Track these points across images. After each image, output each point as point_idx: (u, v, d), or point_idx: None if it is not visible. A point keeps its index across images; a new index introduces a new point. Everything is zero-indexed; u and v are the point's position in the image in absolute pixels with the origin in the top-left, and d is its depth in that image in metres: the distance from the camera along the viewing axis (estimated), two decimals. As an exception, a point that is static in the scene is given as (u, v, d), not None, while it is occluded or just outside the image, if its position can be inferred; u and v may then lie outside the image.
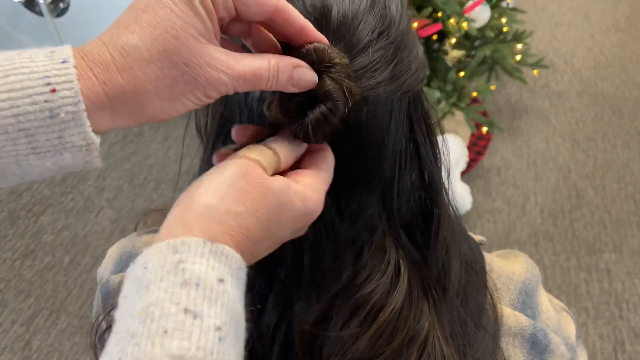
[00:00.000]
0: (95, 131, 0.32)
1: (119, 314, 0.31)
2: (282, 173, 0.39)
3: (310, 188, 0.38)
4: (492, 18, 1.85)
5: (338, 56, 0.37)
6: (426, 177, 0.46)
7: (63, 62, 0.31)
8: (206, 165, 0.48)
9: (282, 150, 0.39)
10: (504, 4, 1.98)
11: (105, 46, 0.32)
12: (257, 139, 0.40)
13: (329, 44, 0.38)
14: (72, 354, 1.66)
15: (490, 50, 1.85)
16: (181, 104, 0.34)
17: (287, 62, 0.36)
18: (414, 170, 0.46)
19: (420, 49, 0.45)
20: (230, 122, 0.45)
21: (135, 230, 0.67)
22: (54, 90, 0.31)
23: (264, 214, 0.35)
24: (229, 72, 0.34)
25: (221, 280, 0.31)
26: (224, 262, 0.32)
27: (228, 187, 0.34)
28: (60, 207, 2.10)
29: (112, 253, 0.63)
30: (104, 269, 0.62)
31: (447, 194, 0.49)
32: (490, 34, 1.85)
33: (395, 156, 0.44)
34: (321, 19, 0.39)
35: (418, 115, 0.45)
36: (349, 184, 0.44)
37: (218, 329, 0.30)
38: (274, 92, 0.39)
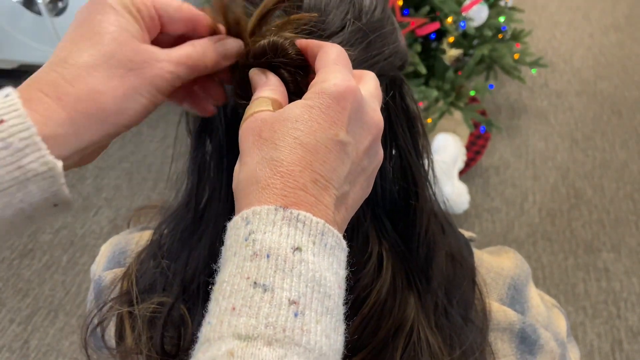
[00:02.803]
0: (59, 156, 0.31)
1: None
2: None
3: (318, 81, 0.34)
4: (490, 17, 1.85)
5: (292, 48, 0.38)
6: (406, 169, 0.46)
7: (6, 96, 0.31)
8: (192, 162, 0.48)
9: (273, 91, 0.37)
10: (502, 3, 1.98)
11: (51, 66, 0.33)
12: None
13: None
14: (70, 352, 1.66)
15: (488, 49, 1.85)
16: (135, 101, 0.34)
17: (206, 41, 0.38)
18: (395, 160, 0.46)
19: (400, 41, 0.45)
20: (212, 118, 0.45)
21: (128, 227, 0.67)
22: (1, 122, 0.30)
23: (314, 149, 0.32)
24: (172, 60, 0.35)
25: (297, 249, 0.29)
26: (300, 228, 0.30)
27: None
28: (59, 206, 2.10)
29: (105, 250, 0.63)
30: (97, 266, 0.62)
31: (430, 187, 0.49)
32: (489, 32, 1.85)
33: None
34: (293, 7, 0.41)
35: (396, 105, 0.45)
36: None
37: (293, 302, 0.28)
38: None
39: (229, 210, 0.46)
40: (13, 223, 0.32)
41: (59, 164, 0.31)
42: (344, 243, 0.32)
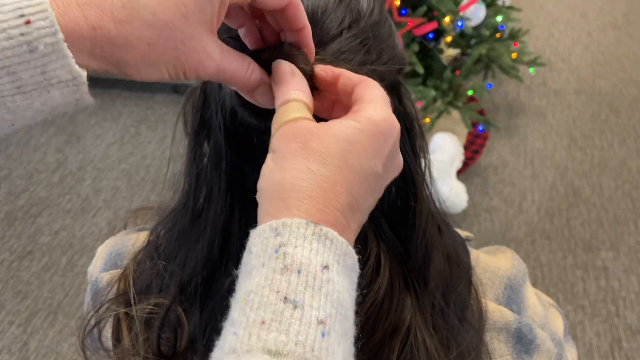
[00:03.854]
0: (80, 64, 0.30)
1: (232, 301, 0.30)
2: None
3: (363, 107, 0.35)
4: (487, 16, 1.85)
5: (304, 63, 0.38)
6: (405, 171, 0.46)
7: None
8: (190, 163, 0.48)
9: (303, 95, 0.37)
10: (499, 2, 1.98)
11: None
12: None
13: (313, 54, 0.39)
14: (69, 354, 1.66)
15: (486, 48, 1.85)
16: (158, 73, 0.32)
17: (259, 75, 0.37)
18: None
19: (398, 43, 0.45)
20: (210, 120, 0.45)
21: (124, 228, 0.67)
22: (28, 22, 0.28)
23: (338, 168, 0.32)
24: (218, 63, 0.34)
25: (326, 267, 0.29)
26: (328, 246, 0.30)
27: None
28: (58, 208, 2.10)
29: (102, 251, 0.63)
30: (94, 267, 0.62)
31: (427, 188, 0.49)
32: (486, 32, 1.85)
33: None
34: None
35: (395, 109, 0.45)
36: None
37: (321, 322, 0.27)
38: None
39: (228, 212, 0.46)
40: (32, 119, 0.31)
41: (84, 73, 0.30)
42: (357, 265, 0.32)
